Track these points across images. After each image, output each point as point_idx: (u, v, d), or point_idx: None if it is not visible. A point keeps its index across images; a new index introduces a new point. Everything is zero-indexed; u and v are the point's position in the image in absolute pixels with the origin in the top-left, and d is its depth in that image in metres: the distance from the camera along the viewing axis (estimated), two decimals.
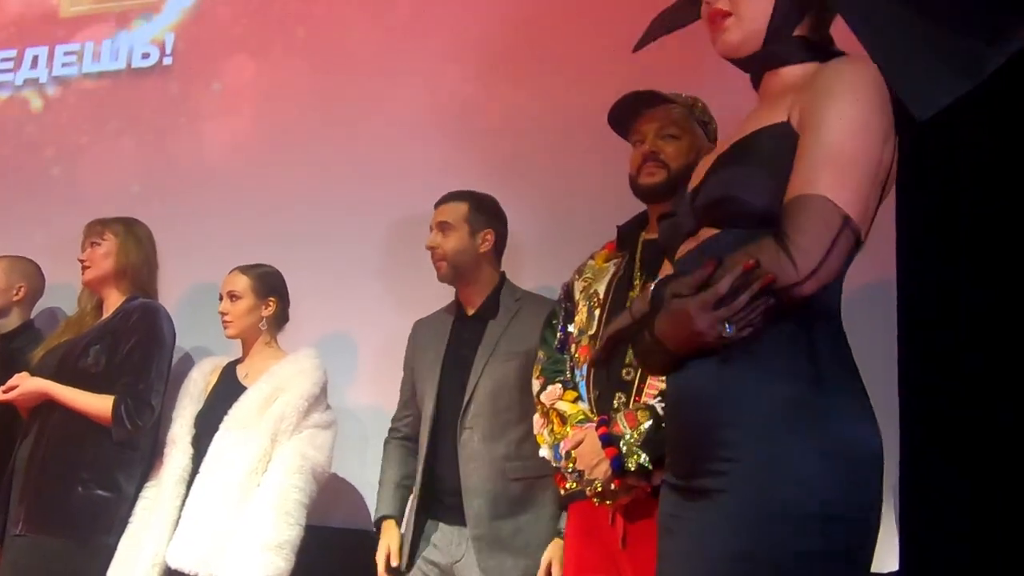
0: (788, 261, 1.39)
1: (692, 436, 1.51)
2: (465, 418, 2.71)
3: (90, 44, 4.09)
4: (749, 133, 1.55)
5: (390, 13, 3.70)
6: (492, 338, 2.77)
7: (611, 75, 3.20)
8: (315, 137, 3.65)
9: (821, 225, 1.40)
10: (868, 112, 1.45)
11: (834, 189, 1.41)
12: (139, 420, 2.97)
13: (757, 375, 1.45)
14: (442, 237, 2.82)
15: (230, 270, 3.11)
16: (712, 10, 1.62)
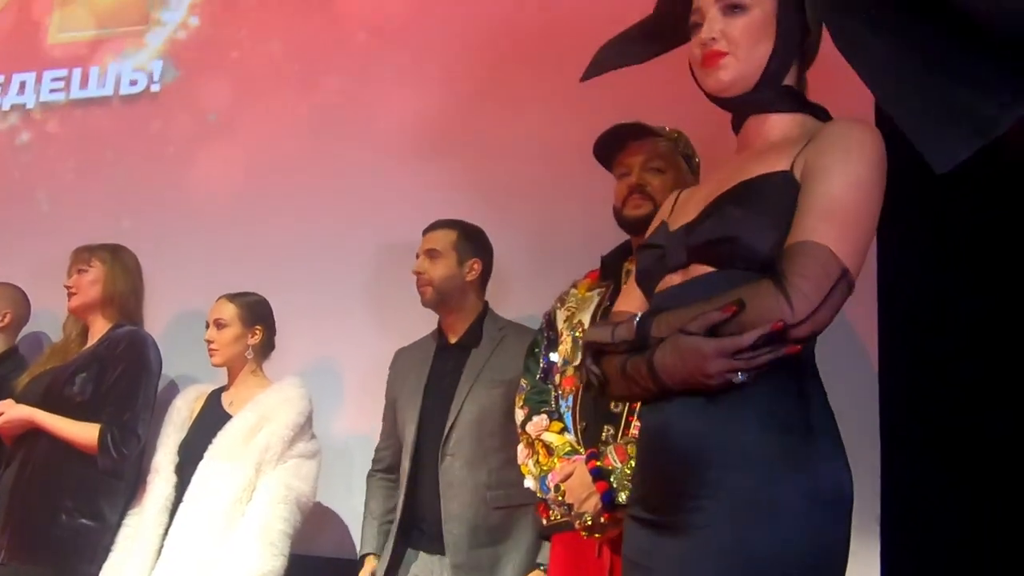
0: (785, 302, 1.40)
1: (675, 473, 1.50)
2: (447, 445, 2.71)
3: (77, 70, 4.10)
4: (754, 177, 1.55)
5: (376, 41, 3.73)
6: (475, 366, 2.78)
7: (595, 104, 3.21)
8: (302, 165, 3.66)
9: (821, 273, 1.41)
10: (873, 173, 1.48)
11: (837, 242, 1.43)
12: (125, 449, 2.96)
13: (749, 417, 1.45)
14: (429, 263, 2.84)
15: (217, 298, 3.11)
16: (710, 50, 1.62)
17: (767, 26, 1.61)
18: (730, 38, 1.61)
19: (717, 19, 1.62)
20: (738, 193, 1.55)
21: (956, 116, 1.46)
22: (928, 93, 1.49)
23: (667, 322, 1.49)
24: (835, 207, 1.44)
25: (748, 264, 1.49)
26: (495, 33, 3.55)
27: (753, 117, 1.66)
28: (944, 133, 1.46)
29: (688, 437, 1.49)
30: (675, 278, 1.59)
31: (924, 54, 1.50)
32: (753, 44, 1.61)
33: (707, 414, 1.47)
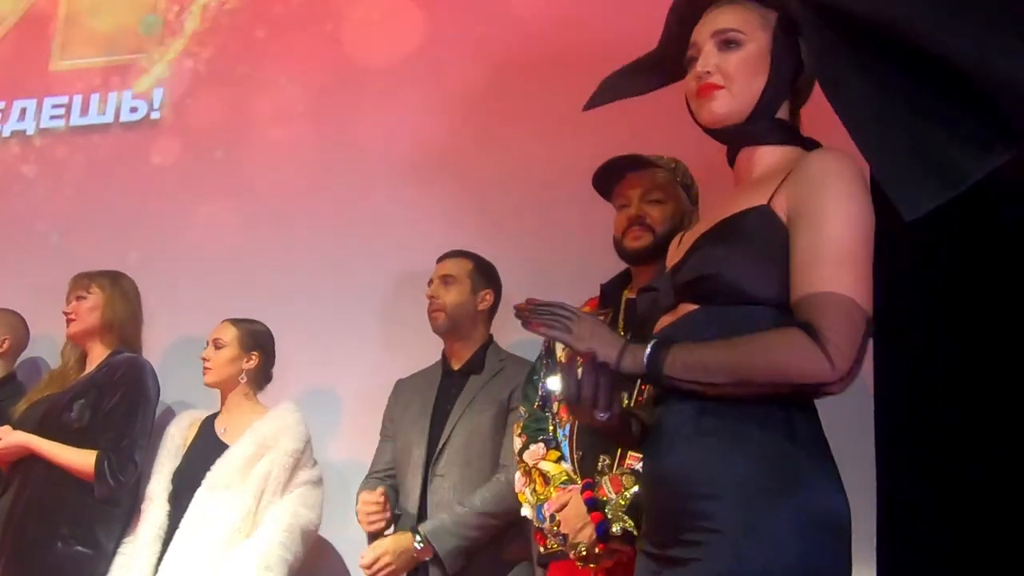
0: (825, 359, 1.41)
1: (669, 507, 1.52)
2: (437, 465, 2.74)
3: (78, 97, 4.11)
4: (733, 214, 1.58)
5: (379, 71, 3.74)
6: (471, 391, 2.81)
7: (598, 132, 3.24)
8: (302, 193, 3.67)
9: (852, 327, 1.43)
10: (861, 204, 1.50)
11: (854, 289, 1.44)
12: (122, 476, 2.96)
13: (735, 447, 1.47)
14: (443, 289, 2.87)
15: (221, 321, 3.12)
16: (704, 83, 1.65)
17: (761, 61, 1.64)
18: (724, 72, 1.64)
19: (713, 53, 1.65)
20: (717, 231, 1.59)
21: (930, 166, 1.48)
22: (904, 142, 1.51)
23: (683, 362, 1.49)
24: (842, 254, 1.46)
25: (729, 299, 1.52)
26: (499, 64, 3.58)
27: (744, 150, 1.68)
28: (916, 182, 1.48)
29: (679, 469, 1.50)
30: (668, 318, 1.62)
31: (905, 103, 1.52)
32: (747, 78, 1.63)
33: (697, 447, 1.49)
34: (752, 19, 1.66)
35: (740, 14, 1.66)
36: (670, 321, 1.61)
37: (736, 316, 1.51)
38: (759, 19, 1.65)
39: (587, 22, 3.48)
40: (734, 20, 1.66)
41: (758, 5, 1.67)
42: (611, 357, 1.52)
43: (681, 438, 1.50)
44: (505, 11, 3.65)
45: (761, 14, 1.66)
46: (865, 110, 1.54)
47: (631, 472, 2.14)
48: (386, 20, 3.80)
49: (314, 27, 3.90)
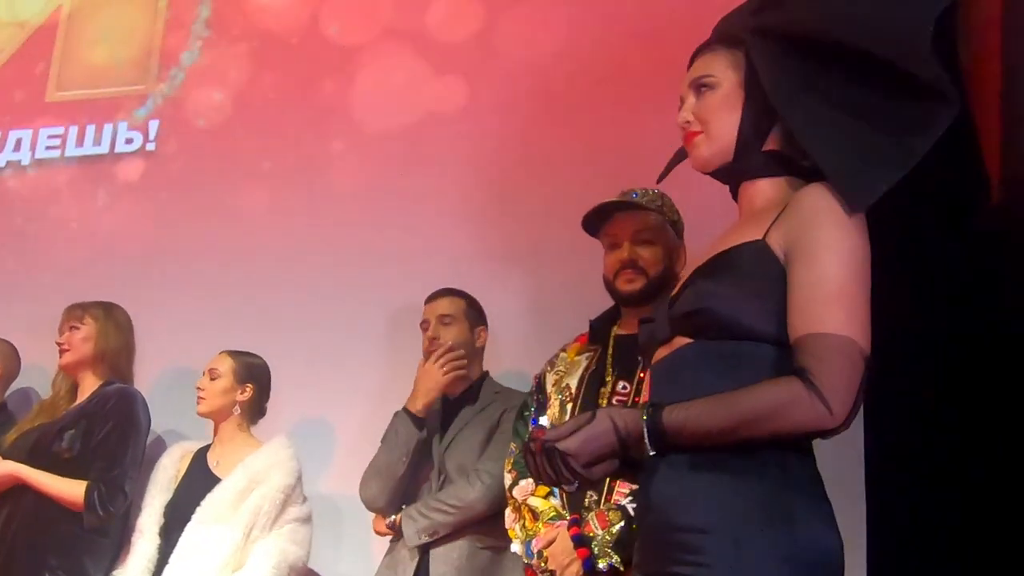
0: (823, 407, 1.41)
1: (660, 539, 1.52)
2: (432, 492, 2.76)
3: (74, 128, 4.13)
4: (727, 248, 1.60)
5: (377, 116, 3.78)
6: (463, 418, 2.84)
7: (589, 169, 3.30)
8: (298, 228, 3.69)
9: (849, 367, 1.43)
10: (856, 239, 1.51)
11: (848, 327, 1.45)
12: (111, 506, 2.96)
13: (726, 480, 1.47)
14: (444, 329, 2.88)
15: (218, 352, 3.13)
16: (686, 133, 1.70)
17: (734, 98, 1.67)
18: (700, 117, 1.68)
19: (691, 102, 1.70)
20: (710, 265, 1.60)
21: (873, 153, 1.52)
22: (849, 139, 1.55)
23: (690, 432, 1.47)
24: (836, 291, 1.47)
25: (722, 334, 1.53)
26: (496, 105, 3.62)
27: (744, 184, 1.70)
28: (862, 171, 1.51)
29: (671, 502, 1.51)
30: (664, 350, 1.63)
31: (845, 104, 1.57)
32: (721, 117, 1.67)
33: (688, 481, 1.49)
34: (721, 60, 1.70)
35: (710, 59, 1.71)
36: (665, 353, 1.62)
37: (729, 351, 1.52)
38: (728, 59, 1.69)
39: (576, 56, 3.54)
40: (704, 66, 1.71)
41: (727, 47, 1.71)
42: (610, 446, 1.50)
43: (674, 471, 1.51)
44: (498, 50, 3.69)
45: (730, 54, 1.70)
46: (813, 119, 1.58)
47: (617, 508, 2.17)
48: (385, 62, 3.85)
49: (312, 66, 3.95)
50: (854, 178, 1.51)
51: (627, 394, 2.34)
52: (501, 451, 2.60)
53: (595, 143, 3.42)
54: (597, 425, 1.50)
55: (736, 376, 1.49)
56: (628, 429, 1.49)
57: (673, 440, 1.48)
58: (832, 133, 1.56)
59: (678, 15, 3.32)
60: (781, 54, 1.62)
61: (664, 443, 1.48)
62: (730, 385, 1.47)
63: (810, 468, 1.54)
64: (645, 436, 1.48)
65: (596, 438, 1.49)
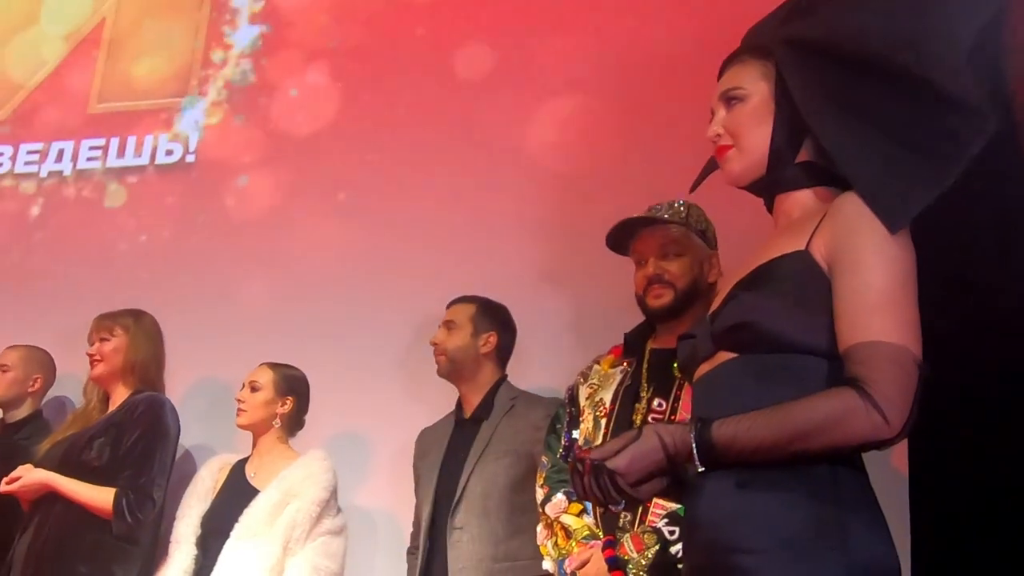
0: (878, 415, 1.37)
1: (709, 561, 1.48)
2: (455, 518, 2.72)
3: (115, 139, 4.17)
4: (768, 260, 1.56)
5: (408, 124, 3.77)
6: (483, 439, 2.80)
7: (620, 186, 3.26)
8: (332, 239, 3.69)
9: (903, 375, 1.39)
10: (899, 244, 1.47)
11: (900, 334, 1.41)
12: (140, 514, 2.95)
13: (776, 498, 1.43)
14: (446, 334, 2.92)
15: (259, 364, 3.13)
16: (717, 147, 1.67)
17: (765, 110, 1.64)
18: (731, 130, 1.66)
19: (721, 115, 1.67)
20: (753, 277, 1.57)
21: (907, 174, 1.48)
22: (879, 159, 1.51)
23: (741, 447, 1.42)
24: (884, 298, 1.44)
25: (767, 347, 1.49)
26: (523, 117, 3.61)
27: (779, 196, 1.67)
28: (897, 193, 1.47)
29: (720, 522, 1.46)
30: (706, 366, 1.60)
31: (876, 120, 1.53)
32: (751, 131, 1.64)
33: (736, 499, 1.45)
34: (751, 72, 1.67)
35: (739, 70, 1.69)
36: (708, 369, 1.58)
37: (776, 365, 1.48)
38: (758, 70, 1.66)
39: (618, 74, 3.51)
40: (734, 78, 1.68)
41: (757, 58, 1.68)
42: (659, 463, 1.47)
43: (721, 491, 1.46)
44: (545, 67, 3.68)
45: (760, 64, 1.67)
46: (845, 136, 1.54)
47: (653, 530, 2.12)
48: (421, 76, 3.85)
49: (353, 77, 3.96)
50: (889, 199, 1.48)
51: (663, 411, 2.30)
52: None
53: (632, 154, 3.38)
54: (645, 442, 1.46)
55: (783, 390, 1.45)
56: (676, 445, 1.46)
57: (723, 455, 1.43)
58: (865, 150, 1.53)
59: (721, 30, 3.28)
60: (811, 65, 1.59)
61: (714, 459, 1.44)
62: (779, 399, 1.43)
63: (862, 482, 1.49)
64: (694, 452, 1.44)
65: (644, 455, 1.46)
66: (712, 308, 1.65)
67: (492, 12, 3.84)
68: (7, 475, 3.02)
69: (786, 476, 1.43)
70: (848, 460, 1.47)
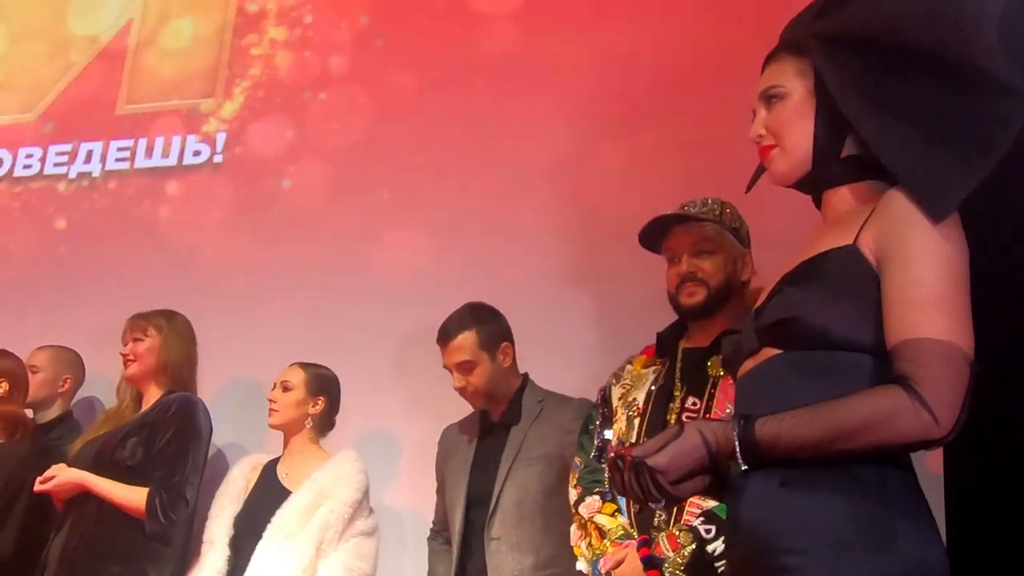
0: (928, 414, 1.35)
1: (753, 561, 1.45)
2: (491, 528, 2.70)
3: (143, 140, 4.18)
4: (816, 255, 1.54)
5: (431, 127, 3.78)
6: (514, 445, 2.78)
7: (648, 182, 3.25)
8: (359, 237, 3.70)
9: (954, 373, 1.37)
10: (950, 240, 1.44)
11: (951, 331, 1.39)
12: (173, 514, 2.95)
13: (821, 498, 1.40)
14: (467, 375, 2.81)
15: (290, 364, 3.14)
16: (760, 147, 1.66)
17: (806, 107, 1.62)
18: (773, 130, 1.64)
19: (762, 115, 1.66)
20: (798, 273, 1.54)
21: (952, 162, 1.45)
22: (924, 146, 1.48)
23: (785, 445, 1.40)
24: (935, 294, 1.41)
25: (812, 343, 1.47)
26: (554, 116, 3.60)
27: (826, 192, 1.65)
28: (941, 181, 1.45)
29: (764, 522, 1.44)
30: (751, 363, 1.58)
31: (915, 106, 1.50)
32: (794, 128, 1.62)
33: (783, 499, 1.43)
34: (789, 69, 1.65)
35: (777, 68, 1.66)
36: (753, 365, 1.56)
37: (822, 361, 1.46)
38: (796, 67, 1.64)
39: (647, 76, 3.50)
40: (772, 76, 1.66)
41: (794, 55, 1.66)
42: (700, 459, 1.44)
43: (765, 489, 1.44)
44: (570, 68, 3.67)
45: (798, 61, 1.64)
46: (885, 126, 1.52)
47: (689, 529, 2.11)
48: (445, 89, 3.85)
49: (374, 81, 3.97)
50: (932, 187, 1.45)
51: (697, 410, 2.29)
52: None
53: (662, 154, 3.37)
54: (686, 440, 1.44)
55: (830, 387, 1.43)
56: (719, 443, 1.44)
57: (766, 453, 1.41)
58: (905, 140, 1.50)
59: (751, 26, 3.27)
60: (846, 58, 1.57)
61: (757, 457, 1.42)
62: (824, 396, 1.41)
63: (910, 481, 1.46)
64: (737, 449, 1.43)
65: (686, 453, 1.44)
66: (757, 303, 1.63)
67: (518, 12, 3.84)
68: (41, 475, 3.02)
69: (831, 475, 1.40)
70: (895, 459, 1.44)
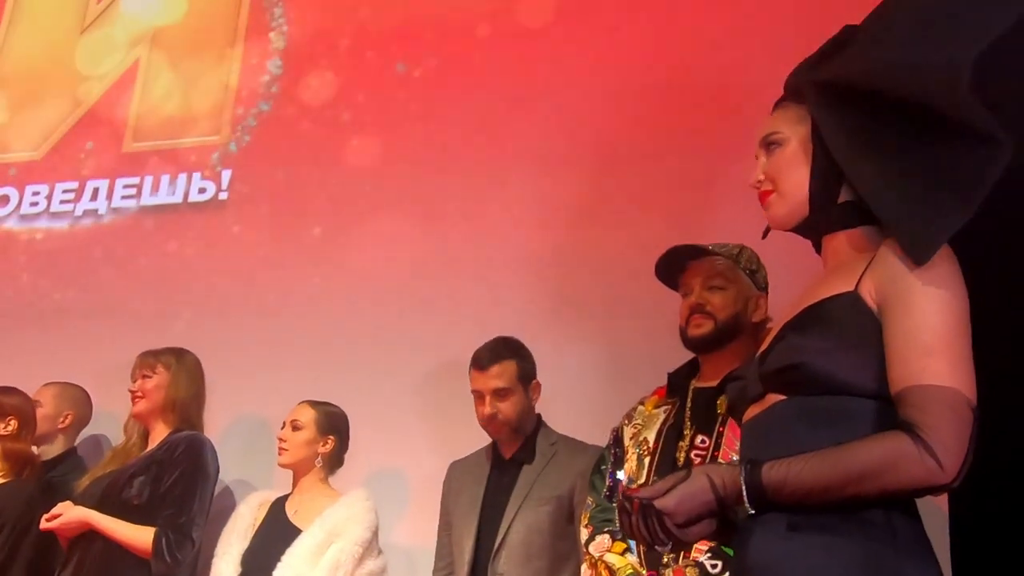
0: (934, 463, 1.36)
1: None
2: (496, 563, 2.69)
3: (149, 178, 4.20)
4: (818, 301, 1.55)
5: (441, 166, 3.80)
6: (526, 483, 2.77)
7: (659, 220, 3.28)
8: (367, 278, 3.70)
9: (958, 420, 1.38)
10: (951, 286, 1.46)
11: (953, 378, 1.40)
12: (179, 554, 2.94)
13: (829, 542, 1.41)
14: (501, 403, 2.80)
15: (299, 402, 3.14)
16: (759, 193, 1.68)
17: (802, 153, 1.64)
18: (771, 175, 1.66)
19: (762, 161, 1.68)
20: (802, 318, 1.56)
21: (934, 209, 1.47)
22: (910, 193, 1.49)
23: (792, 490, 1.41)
24: (937, 340, 1.42)
25: (817, 389, 1.48)
26: (561, 153, 3.63)
27: (826, 237, 1.66)
28: (923, 227, 1.46)
29: (769, 566, 1.44)
30: (756, 408, 1.59)
31: (901, 155, 1.52)
32: (789, 175, 1.64)
33: (787, 543, 1.43)
34: (789, 116, 1.67)
35: (778, 115, 1.69)
36: (758, 411, 1.57)
37: (828, 407, 1.47)
38: (796, 113, 1.67)
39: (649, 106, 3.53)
40: (772, 123, 1.69)
41: (795, 101, 1.68)
42: (709, 503, 1.46)
43: (772, 534, 1.45)
44: (569, 97, 3.70)
45: (799, 107, 1.67)
46: (873, 174, 1.54)
47: (695, 564, 2.11)
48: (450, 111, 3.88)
49: (381, 115, 3.99)
50: (916, 232, 1.47)
51: (706, 448, 2.29)
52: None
53: (666, 194, 3.40)
54: (694, 483, 1.46)
55: (835, 432, 1.44)
56: (726, 487, 1.45)
57: (773, 498, 1.42)
58: (892, 187, 1.52)
59: (749, 62, 3.32)
60: (838, 104, 1.59)
61: (764, 501, 1.43)
62: (829, 442, 1.42)
63: (917, 529, 1.47)
64: (744, 493, 1.44)
65: (693, 496, 1.45)
66: (761, 349, 1.65)
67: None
68: (47, 511, 3.02)
69: (839, 520, 1.41)
70: (902, 505, 1.45)
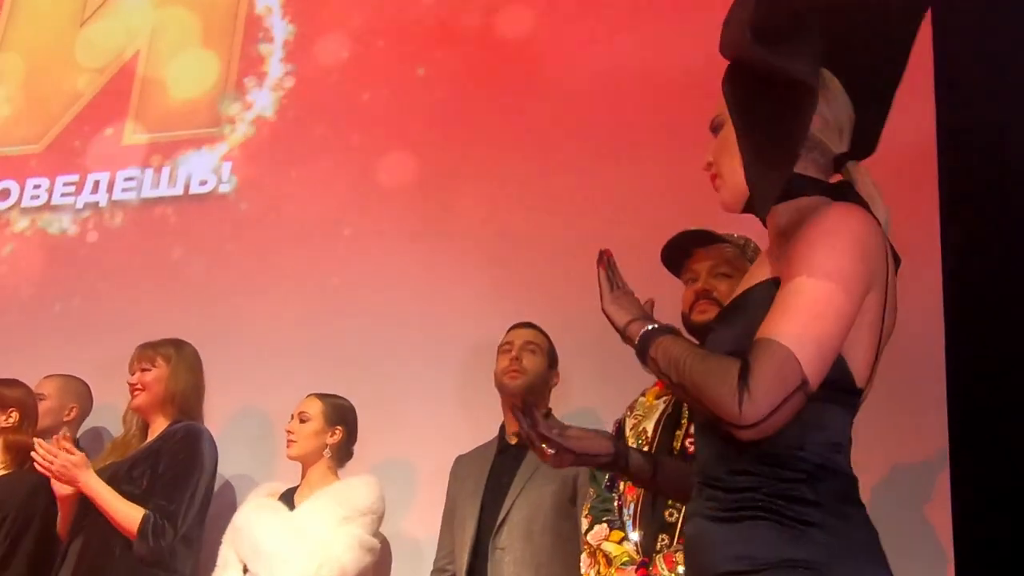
0: (737, 404, 1.37)
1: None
2: (498, 538, 2.74)
3: (149, 170, 4.22)
4: (741, 292, 1.56)
5: (449, 152, 3.81)
6: (531, 464, 2.80)
7: (664, 209, 3.27)
8: (374, 264, 3.72)
9: (778, 380, 1.37)
10: (844, 260, 1.43)
11: (800, 343, 1.37)
12: (162, 539, 2.93)
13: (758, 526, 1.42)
14: (529, 355, 2.94)
15: (307, 395, 3.14)
16: (710, 176, 1.65)
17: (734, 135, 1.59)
18: (715, 159, 1.63)
19: (712, 145, 1.65)
20: (727, 310, 1.60)
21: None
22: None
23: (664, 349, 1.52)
24: (801, 304, 1.40)
25: None
26: (561, 139, 3.63)
27: (768, 218, 1.62)
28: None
29: (704, 549, 1.48)
30: None
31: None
32: (728, 158, 1.59)
33: (721, 526, 1.45)
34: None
35: (721, 100, 1.64)
36: None
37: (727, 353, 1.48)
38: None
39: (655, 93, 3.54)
40: (717, 105, 1.63)
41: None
42: (620, 323, 1.61)
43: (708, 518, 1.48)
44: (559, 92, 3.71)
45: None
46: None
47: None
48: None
49: (378, 111, 3.99)
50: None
51: None
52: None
53: (672, 181, 3.39)
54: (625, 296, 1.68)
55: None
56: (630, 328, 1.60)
57: (656, 347, 1.53)
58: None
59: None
60: (727, 80, 1.58)
61: (651, 340, 1.55)
62: None
63: (858, 520, 1.46)
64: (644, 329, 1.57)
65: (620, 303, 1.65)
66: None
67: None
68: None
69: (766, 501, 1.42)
70: (848, 497, 1.45)
